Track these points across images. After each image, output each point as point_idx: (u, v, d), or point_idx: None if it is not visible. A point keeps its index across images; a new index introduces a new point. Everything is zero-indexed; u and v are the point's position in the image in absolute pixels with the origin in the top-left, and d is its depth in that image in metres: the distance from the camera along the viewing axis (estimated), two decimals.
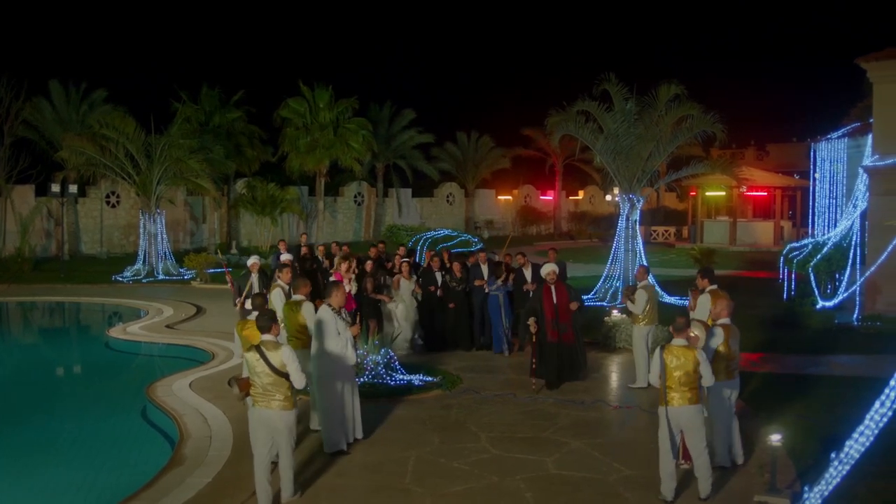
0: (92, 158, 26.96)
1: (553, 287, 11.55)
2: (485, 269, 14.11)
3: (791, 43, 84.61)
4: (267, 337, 7.27)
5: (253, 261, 13.24)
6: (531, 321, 11.39)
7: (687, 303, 11.50)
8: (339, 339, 8.51)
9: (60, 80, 33.92)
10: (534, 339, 11.48)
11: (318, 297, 12.00)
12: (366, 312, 13.42)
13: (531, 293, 13.56)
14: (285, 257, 13.93)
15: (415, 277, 14.19)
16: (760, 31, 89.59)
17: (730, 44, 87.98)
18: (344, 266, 13.26)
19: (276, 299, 10.41)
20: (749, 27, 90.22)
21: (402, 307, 13.92)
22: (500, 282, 13.83)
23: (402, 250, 15.89)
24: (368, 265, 14.00)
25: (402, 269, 14.15)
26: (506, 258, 14.76)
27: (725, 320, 8.21)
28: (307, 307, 9.13)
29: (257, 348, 7.16)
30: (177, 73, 55.13)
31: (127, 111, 29.42)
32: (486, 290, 13.86)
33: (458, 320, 14.09)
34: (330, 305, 8.63)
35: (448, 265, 14.34)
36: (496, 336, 13.85)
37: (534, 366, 11.45)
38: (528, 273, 13.80)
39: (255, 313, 8.47)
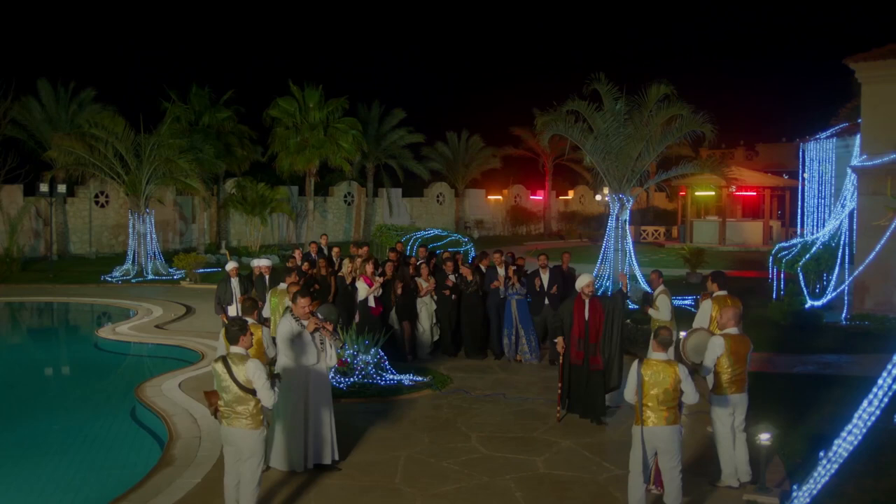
0: (81, 158, 26.80)
1: (587, 302, 9.98)
2: (501, 271, 13.60)
3: (780, 43, 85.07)
4: (235, 349, 6.63)
5: (232, 265, 12.87)
6: (558, 340, 10.07)
7: (695, 305, 11.21)
8: (300, 351, 7.97)
9: (49, 79, 33.69)
10: (560, 360, 10.23)
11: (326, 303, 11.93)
12: (402, 315, 13.25)
13: (546, 297, 13.26)
14: (265, 262, 13.43)
15: (432, 279, 13.83)
16: (750, 32, 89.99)
17: (719, 44, 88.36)
18: (369, 269, 12.97)
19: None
20: (739, 28, 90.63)
21: (423, 310, 13.62)
22: (502, 285, 13.42)
23: (422, 252, 15.42)
24: (388, 267, 13.53)
25: (420, 271, 13.77)
26: (518, 261, 14.22)
27: (732, 330, 7.81)
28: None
29: (223, 360, 6.54)
30: (166, 73, 55.05)
31: (116, 110, 29.25)
32: (502, 295, 13.45)
33: (471, 326, 13.60)
34: (293, 315, 8.01)
35: (461, 269, 13.97)
36: (503, 342, 13.52)
37: (560, 391, 10.18)
38: (545, 277, 13.35)
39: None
